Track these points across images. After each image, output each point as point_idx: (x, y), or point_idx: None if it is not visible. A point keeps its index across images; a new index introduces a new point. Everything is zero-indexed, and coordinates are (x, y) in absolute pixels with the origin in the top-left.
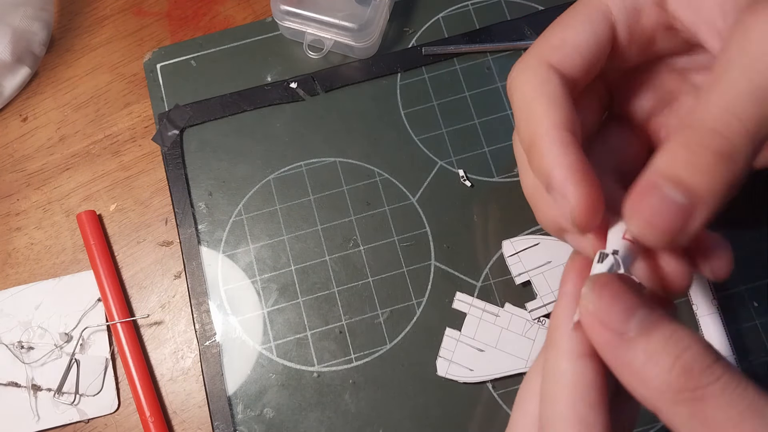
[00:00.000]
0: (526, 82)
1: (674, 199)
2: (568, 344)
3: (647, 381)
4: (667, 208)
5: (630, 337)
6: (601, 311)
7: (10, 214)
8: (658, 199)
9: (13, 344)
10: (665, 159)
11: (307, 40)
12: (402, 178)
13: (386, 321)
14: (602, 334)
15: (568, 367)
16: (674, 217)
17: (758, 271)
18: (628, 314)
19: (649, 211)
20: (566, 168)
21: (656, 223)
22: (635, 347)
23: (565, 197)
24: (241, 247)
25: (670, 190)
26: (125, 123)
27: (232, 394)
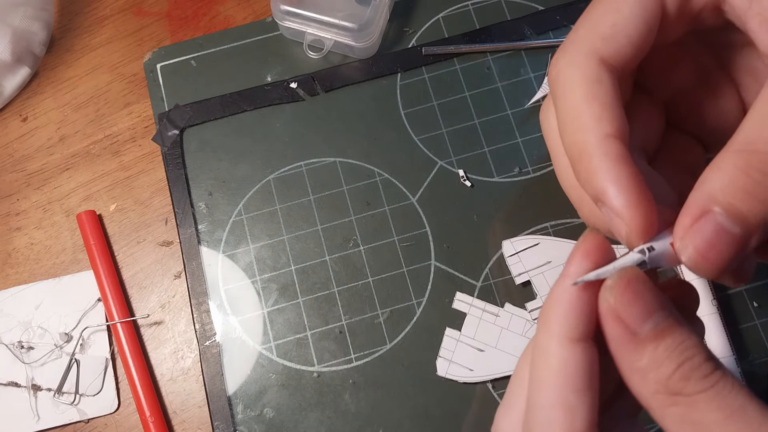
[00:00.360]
0: (575, 83)
1: (730, 230)
2: (560, 327)
3: (646, 381)
4: (722, 239)
5: (641, 338)
6: (621, 307)
7: (10, 214)
8: (712, 229)
9: (13, 344)
10: (720, 183)
11: (307, 40)
12: (402, 178)
13: (386, 321)
14: (616, 328)
15: (557, 350)
16: (729, 249)
17: (758, 271)
18: (645, 316)
19: (703, 242)
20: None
21: (711, 257)
22: (643, 349)
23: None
24: (241, 247)
25: (725, 220)
26: (125, 123)
27: (232, 394)
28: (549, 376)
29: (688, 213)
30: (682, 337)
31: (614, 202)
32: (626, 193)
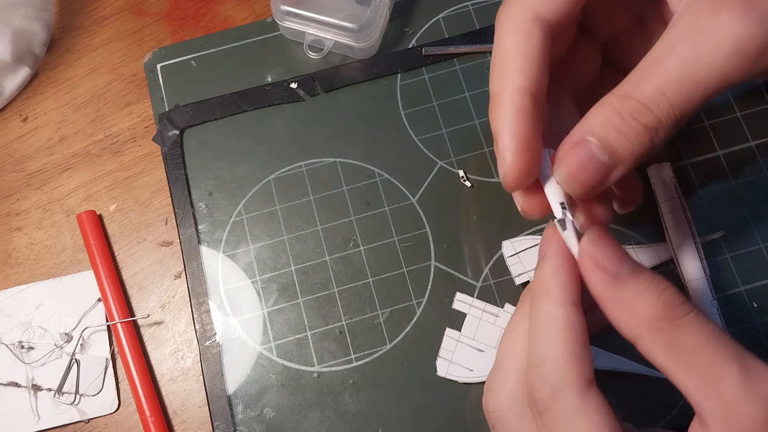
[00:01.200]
0: (508, 34)
1: (599, 158)
2: (561, 293)
3: (635, 312)
4: (592, 165)
5: (622, 277)
6: (599, 255)
7: (10, 214)
8: (585, 155)
9: (13, 344)
10: (599, 120)
11: (308, 40)
12: (402, 178)
13: (386, 321)
14: (600, 274)
15: (562, 312)
16: (595, 174)
17: (757, 271)
18: (620, 259)
19: (575, 164)
20: (511, 135)
21: (579, 176)
22: (626, 285)
23: (503, 159)
24: (241, 247)
25: (597, 149)
26: (125, 123)
27: (232, 394)
28: (557, 334)
29: (569, 140)
30: (653, 273)
31: (502, 145)
32: (514, 143)
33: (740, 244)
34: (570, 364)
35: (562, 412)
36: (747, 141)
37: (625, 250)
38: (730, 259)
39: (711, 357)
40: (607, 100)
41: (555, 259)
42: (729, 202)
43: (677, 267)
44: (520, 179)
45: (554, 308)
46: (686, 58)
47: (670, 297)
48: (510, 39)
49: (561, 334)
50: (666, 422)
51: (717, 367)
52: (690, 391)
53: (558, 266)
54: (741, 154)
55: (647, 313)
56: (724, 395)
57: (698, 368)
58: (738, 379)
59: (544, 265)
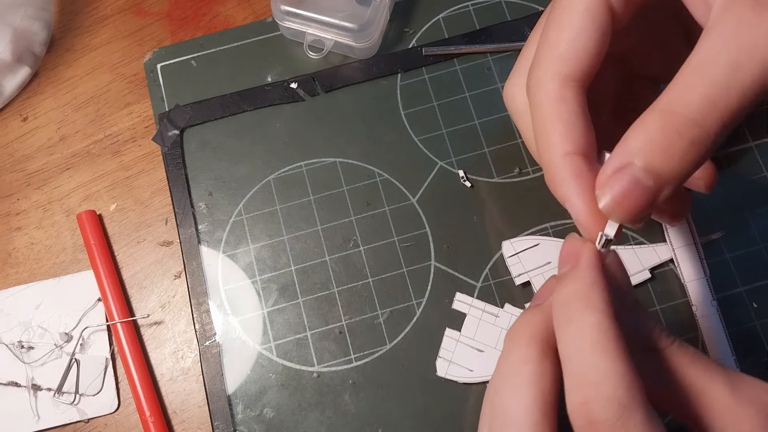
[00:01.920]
0: (542, 104)
1: (645, 182)
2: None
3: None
4: (637, 191)
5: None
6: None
7: (10, 214)
8: (629, 181)
9: (13, 344)
10: (641, 140)
11: (308, 40)
12: (402, 178)
13: (386, 321)
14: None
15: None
16: (641, 200)
17: (758, 272)
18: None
19: (619, 191)
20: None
21: (625, 205)
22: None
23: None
24: (241, 247)
25: (641, 173)
26: (125, 123)
27: (232, 394)
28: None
29: (610, 164)
30: None
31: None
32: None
33: (740, 244)
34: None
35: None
36: (747, 141)
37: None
38: (730, 259)
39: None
40: (648, 116)
41: (595, 270)
42: (729, 202)
43: (677, 267)
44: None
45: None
46: (736, 60)
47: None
48: (545, 109)
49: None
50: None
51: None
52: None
53: (598, 278)
54: (741, 154)
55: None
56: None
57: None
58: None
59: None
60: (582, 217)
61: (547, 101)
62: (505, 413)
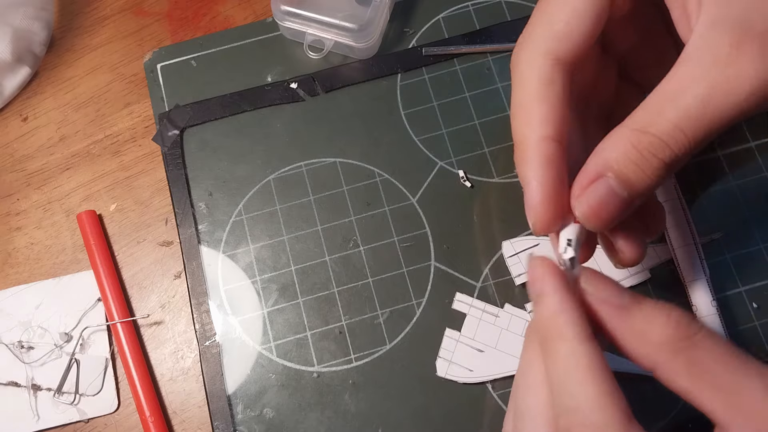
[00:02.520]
0: (531, 80)
1: (619, 193)
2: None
3: (648, 338)
4: (612, 200)
5: (627, 306)
6: (600, 293)
7: (10, 214)
8: (605, 191)
9: (13, 344)
10: (616, 154)
11: (308, 40)
12: (402, 178)
13: (386, 321)
14: (607, 309)
15: (582, 350)
16: (615, 209)
17: (757, 272)
18: (620, 292)
19: (596, 200)
20: (540, 185)
21: (600, 212)
22: (634, 313)
23: (533, 209)
24: (241, 247)
25: (616, 184)
26: (125, 123)
27: (231, 394)
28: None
29: (585, 175)
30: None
31: (531, 195)
32: (543, 192)
33: (740, 244)
34: (608, 401)
35: None
36: (747, 141)
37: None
38: (730, 259)
39: (733, 373)
40: (622, 132)
41: (558, 296)
42: (729, 202)
43: (677, 267)
44: (549, 227)
45: (573, 346)
46: (706, 96)
47: (679, 316)
48: (531, 86)
49: (588, 372)
50: (666, 422)
51: (739, 383)
52: (717, 411)
53: (564, 302)
54: (741, 154)
55: (661, 336)
56: (750, 411)
57: (722, 386)
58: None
59: (546, 304)
60: (536, 203)
61: (536, 79)
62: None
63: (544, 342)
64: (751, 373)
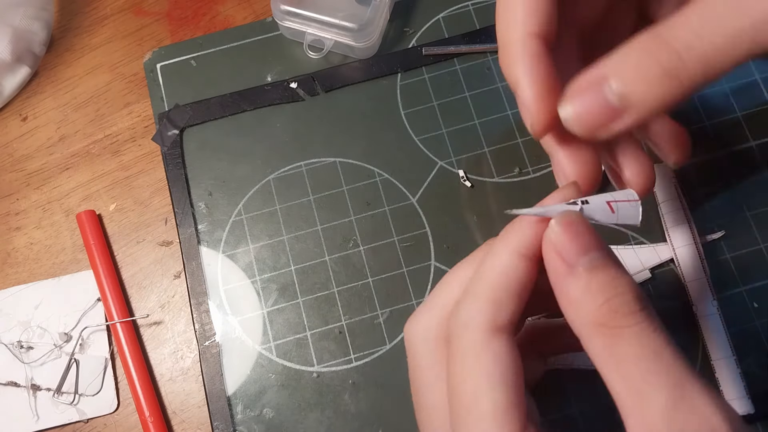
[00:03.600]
0: None
1: (610, 101)
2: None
3: (578, 311)
4: (599, 106)
5: (577, 271)
6: (560, 243)
7: (9, 214)
8: (594, 95)
9: (12, 344)
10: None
11: (308, 40)
12: (402, 178)
13: (386, 321)
14: (555, 261)
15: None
16: (601, 117)
17: (758, 272)
18: (581, 252)
19: (581, 104)
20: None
21: (585, 119)
22: (577, 281)
23: (527, 108)
24: (240, 247)
25: (610, 92)
26: (125, 123)
27: (231, 395)
28: (492, 275)
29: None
30: (614, 274)
31: (524, 93)
32: (535, 88)
33: (740, 244)
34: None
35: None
36: (747, 141)
37: (599, 241)
38: (730, 259)
39: (644, 374)
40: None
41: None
42: (729, 202)
43: (677, 267)
44: (548, 124)
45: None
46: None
47: (619, 304)
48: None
49: (495, 276)
50: None
51: (647, 386)
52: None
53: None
54: (741, 154)
55: (588, 313)
56: (646, 417)
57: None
58: (664, 405)
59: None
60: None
61: None
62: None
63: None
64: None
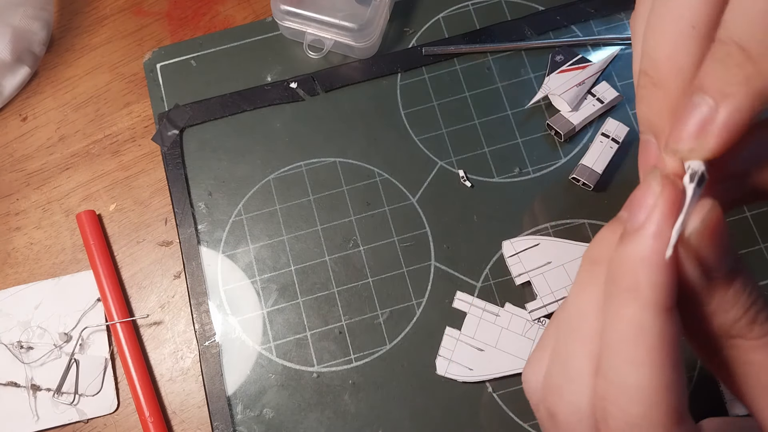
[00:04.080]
0: None
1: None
2: (655, 294)
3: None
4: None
5: (715, 282)
6: (704, 249)
7: (9, 214)
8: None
9: (12, 344)
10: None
11: (307, 40)
12: (402, 178)
13: (386, 321)
14: (693, 271)
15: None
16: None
17: (758, 271)
18: (723, 257)
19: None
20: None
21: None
22: (714, 293)
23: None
24: (240, 247)
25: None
26: (125, 123)
27: (231, 395)
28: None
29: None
30: (746, 280)
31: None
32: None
33: (740, 244)
34: (659, 397)
35: None
36: None
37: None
38: None
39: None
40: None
41: (659, 242)
42: None
43: None
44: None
45: (644, 314)
46: None
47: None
48: None
49: (650, 354)
50: None
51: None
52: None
53: (656, 251)
54: None
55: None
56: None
57: None
58: None
59: (639, 241)
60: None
61: None
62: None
63: (611, 290)
64: None
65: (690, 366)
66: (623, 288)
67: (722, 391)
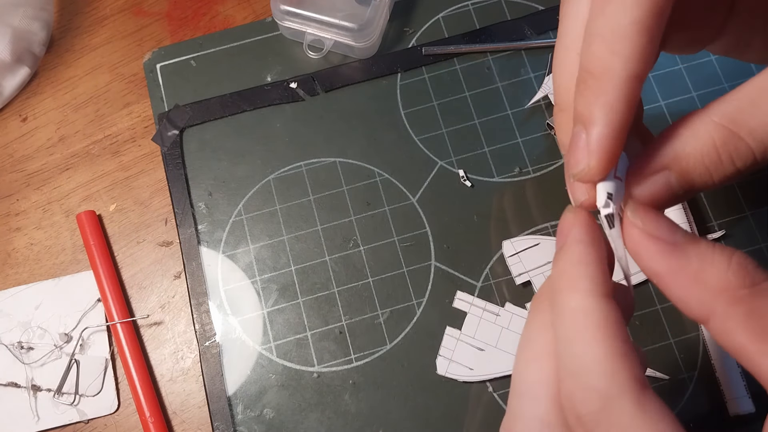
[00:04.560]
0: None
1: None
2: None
3: (704, 282)
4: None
5: (681, 244)
6: (650, 226)
7: (9, 214)
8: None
9: (12, 344)
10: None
11: (307, 40)
12: (402, 178)
13: (386, 321)
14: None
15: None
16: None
17: None
18: (674, 227)
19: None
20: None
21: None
22: (688, 252)
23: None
24: (241, 247)
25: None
26: (125, 123)
27: (231, 395)
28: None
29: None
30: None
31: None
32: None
33: (740, 244)
34: (618, 364)
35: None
36: None
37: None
38: None
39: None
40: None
41: (580, 246)
42: (729, 202)
43: None
44: (601, 174)
45: (585, 301)
46: None
47: (742, 259)
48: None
49: (599, 331)
50: None
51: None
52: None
53: (584, 253)
54: None
55: (720, 280)
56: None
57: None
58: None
59: (565, 254)
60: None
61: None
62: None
63: (554, 296)
64: None
65: (690, 366)
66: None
67: (722, 391)
